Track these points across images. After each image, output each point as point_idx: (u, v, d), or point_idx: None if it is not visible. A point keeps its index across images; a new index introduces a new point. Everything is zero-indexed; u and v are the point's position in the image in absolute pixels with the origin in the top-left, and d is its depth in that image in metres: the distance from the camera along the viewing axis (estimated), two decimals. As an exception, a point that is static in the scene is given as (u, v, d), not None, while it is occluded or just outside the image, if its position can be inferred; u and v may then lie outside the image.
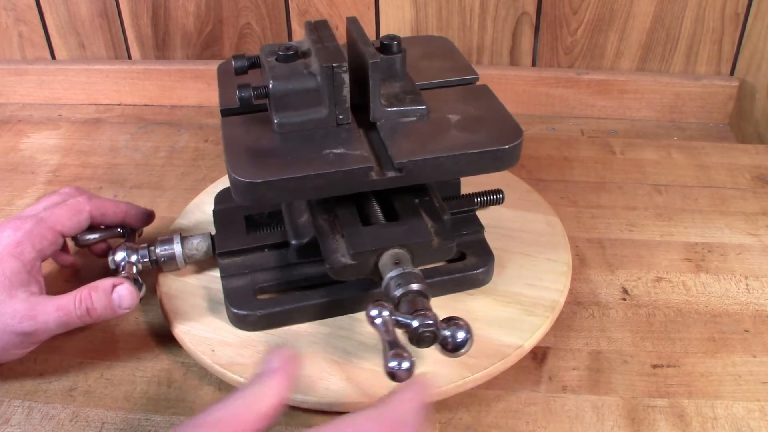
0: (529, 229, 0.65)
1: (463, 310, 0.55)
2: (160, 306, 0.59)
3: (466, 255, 0.59)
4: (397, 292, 0.49)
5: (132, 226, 0.62)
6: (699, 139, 0.87)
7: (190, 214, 0.68)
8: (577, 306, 0.60)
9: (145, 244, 0.59)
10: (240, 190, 0.49)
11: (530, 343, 0.54)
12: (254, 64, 0.55)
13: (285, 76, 0.52)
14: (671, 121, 0.91)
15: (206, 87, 0.93)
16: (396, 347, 0.44)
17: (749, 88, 0.87)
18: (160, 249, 0.58)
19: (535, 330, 0.55)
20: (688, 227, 0.69)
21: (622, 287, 0.62)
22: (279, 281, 0.57)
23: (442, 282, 0.57)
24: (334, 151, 0.51)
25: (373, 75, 0.52)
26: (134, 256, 0.58)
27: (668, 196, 0.73)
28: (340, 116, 0.53)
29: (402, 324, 0.46)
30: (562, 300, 0.58)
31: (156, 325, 0.59)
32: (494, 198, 0.65)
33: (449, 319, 0.47)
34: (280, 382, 0.40)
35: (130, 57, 0.95)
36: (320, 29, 0.55)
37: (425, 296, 0.49)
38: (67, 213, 0.57)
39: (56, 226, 0.56)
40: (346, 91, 0.52)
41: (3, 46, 0.95)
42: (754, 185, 0.75)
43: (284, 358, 0.42)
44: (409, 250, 0.52)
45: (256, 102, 0.52)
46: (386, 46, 0.56)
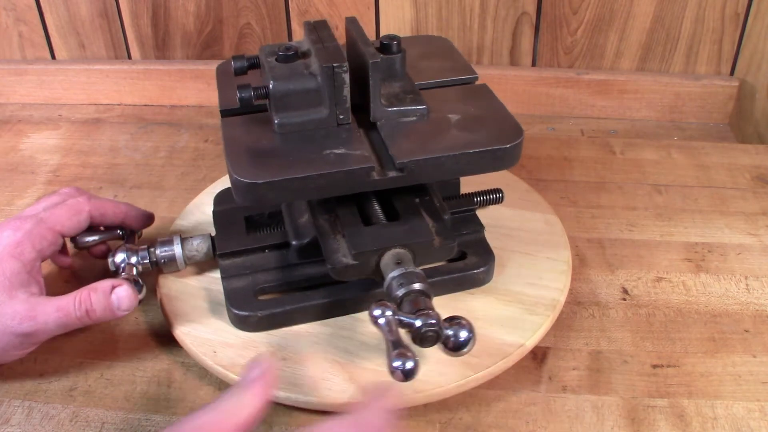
0: (528, 228, 0.65)
1: (464, 310, 0.55)
2: (160, 308, 0.59)
3: (466, 254, 0.59)
4: (399, 292, 0.49)
5: (131, 228, 0.62)
6: (699, 139, 0.87)
7: (190, 214, 0.68)
8: (577, 306, 0.60)
9: (144, 246, 0.59)
10: (241, 190, 0.49)
11: (532, 342, 0.54)
12: (253, 64, 0.55)
13: (285, 76, 0.52)
14: (671, 121, 0.91)
15: (206, 87, 0.93)
16: (400, 347, 0.45)
17: (749, 88, 0.87)
18: (160, 250, 0.58)
19: (536, 329, 0.55)
20: (688, 227, 0.69)
21: (622, 287, 0.62)
22: (280, 282, 0.57)
23: (442, 281, 0.57)
24: (335, 151, 0.51)
25: (374, 75, 0.52)
26: (134, 258, 0.58)
27: (668, 196, 0.73)
28: (341, 116, 0.53)
29: (405, 324, 0.47)
30: (563, 298, 0.58)
31: (156, 325, 0.59)
32: (494, 197, 0.65)
33: (452, 319, 0.47)
34: (259, 392, 0.41)
35: (130, 57, 0.95)
36: (320, 29, 0.55)
37: (427, 296, 0.49)
38: (67, 213, 0.57)
39: (56, 226, 0.56)
40: (346, 91, 0.52)
41: (3, 46, 0.95)
42: (754, 185, 0.75)
43: (263, 369, 0.43)
44: (411, 250, 0.52)
45: (257, 102, 0.52)
46: (386, 46, 0.56)
